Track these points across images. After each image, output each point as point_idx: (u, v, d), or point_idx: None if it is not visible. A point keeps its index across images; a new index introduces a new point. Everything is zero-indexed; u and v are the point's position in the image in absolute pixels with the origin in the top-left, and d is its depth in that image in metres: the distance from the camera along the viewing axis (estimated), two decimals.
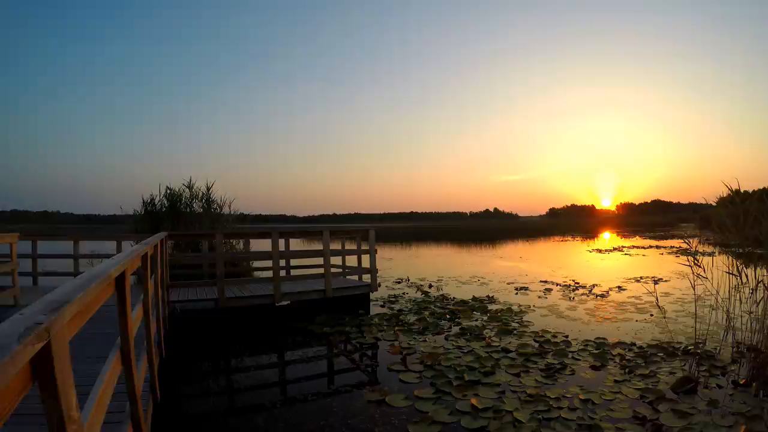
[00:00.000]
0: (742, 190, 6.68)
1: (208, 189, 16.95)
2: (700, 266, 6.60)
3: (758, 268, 6.46)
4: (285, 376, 6.23)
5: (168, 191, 16.68)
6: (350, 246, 12.23)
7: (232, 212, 17.41)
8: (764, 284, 6.16)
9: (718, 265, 6.79)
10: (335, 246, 12.48)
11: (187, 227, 15.66)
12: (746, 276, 6.27)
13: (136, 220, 16.77)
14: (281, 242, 11.59)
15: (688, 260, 6.82)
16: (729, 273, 6.51)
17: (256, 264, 13.71)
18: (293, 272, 11.86)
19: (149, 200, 16.77)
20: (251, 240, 15.01)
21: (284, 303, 9.31)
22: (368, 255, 10.47)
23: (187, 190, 16.86)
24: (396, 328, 8.31)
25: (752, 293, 6.45)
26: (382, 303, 10.73)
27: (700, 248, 6.76)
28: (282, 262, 11.79)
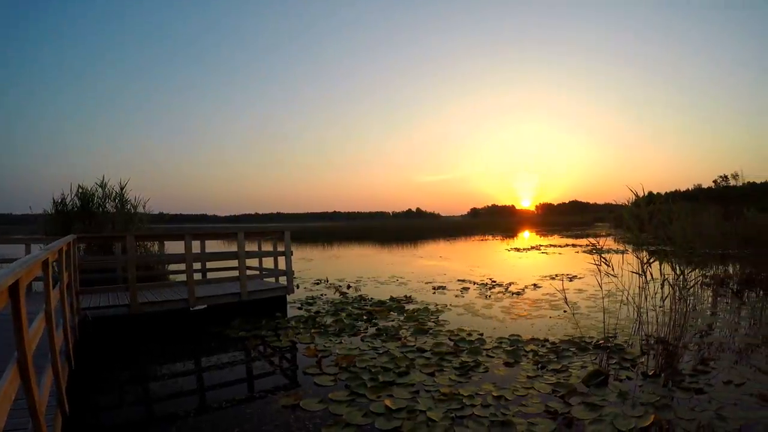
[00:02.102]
0: (655, 192, 6.99)
1: (122, 188, 16.36)
2: (608, 265, 6.84)
3: (664, 265, 6.77)
4: (201, 384, 6.04)
5: (80, 190, 15.97)
6: (268, 247, 12.05)
7: (146, 212, 16.88)
8: (669, 281, 6.46)
9: (629, 263, 7.05)
10: (252, 247, 12.27)
11: (99, 228, 15.07)
12: (651, 274, 6.53)
13: (46, 220, 16.00)
14: (198, 244, 11.33)
15: (594, 259, 7.09)
16: (634, 272, 6.78)
17: (174, 267, 13.35)
18: (212, 275, 11.57)
19: (60, 200, 16.01)
20: (174, 242, 14.54)
21: (200, 307, 9.08)
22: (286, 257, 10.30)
23: (100, 189, 16.22)
24: (312, 330, 8.22)
25: (661, 288, 6.76)
26: (299, 305, 10.59)
27: (614, 246, 7.00)
28: (198, 265, 11.51)
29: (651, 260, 6.58)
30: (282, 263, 10.60)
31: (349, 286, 13.50)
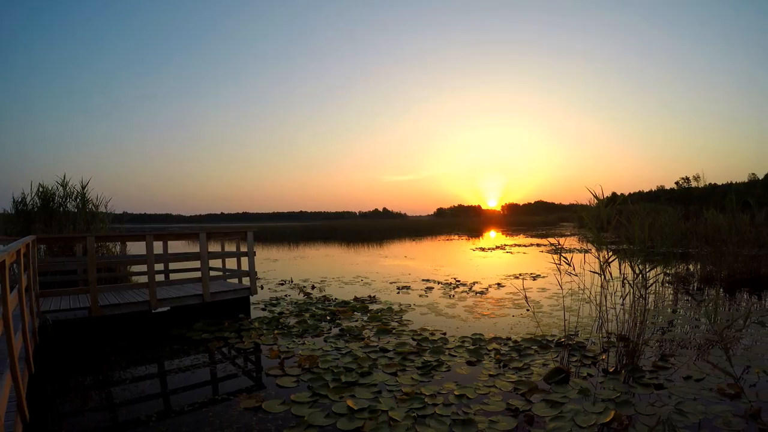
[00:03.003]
0: (619, 193, 7.13)
1: (83, 187, 15.98)
2: (569, 264, 6.93)
3: (624, 264, 6.88)
4: (163, 387, 5.93)
5: (40, 189, 15.56)
6: (231, 248, 11.93)
7: (109, 211, 16.55)
8: (628, 281, 6.57)
9: (589, 262, 7.15)
10: (215, 248, 12.13)
11: (60, 228, 14.70)
12: (610, 273, 6.64)
13: (5, 220, 15.51)
14: (160, 245, 11.17)
15: (554, 258, 7.19)
16: (593, 272, 6.89)
17: (136, 268, 13.11)
18: (176, 276, 11.41)
19: (20, 199, 15.54)
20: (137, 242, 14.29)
21: (162, 309, 8.94)
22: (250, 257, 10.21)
23: (61, 188, 15.83)
24: (276, 331, 8.16)
25: (621, 287, 6.88)
26: (263, 306, 10.52)
27: (578, 246, 7.12)
28: (160, 266, 11.35)
29: (610, 260, 6.68)
30: (245, 264, 10.50)
31: (313, 287, 13.46)
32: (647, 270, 6.43)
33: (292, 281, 14.77)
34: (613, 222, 6.97)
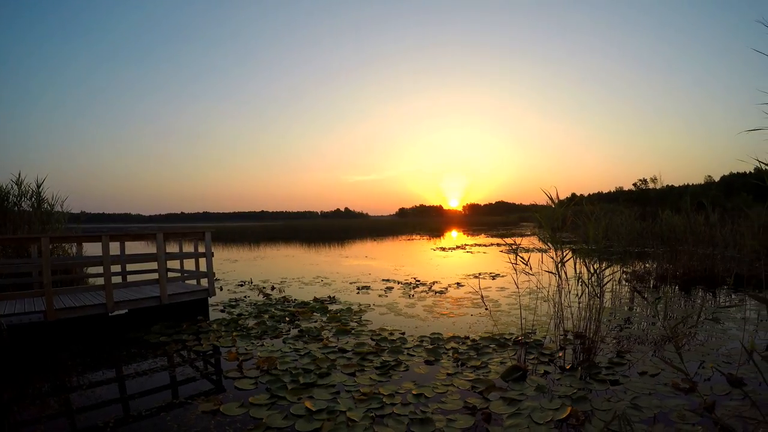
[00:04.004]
0: (579, 194, 7.25)
1: (39, 186, 15.61)
2: (526, 263, 7.02)
3: (580, 263, 7.01)
4: (121, 392, 5.80)
5: None
6: (190, 248, 11.79)
7: (65, 211, 16.20)
8: (583, 279, 6.69)
9: (548, 261, 7.26)
10: (173, 248, 11.96)
11: (15, 229, 14.33)
12: (565, 273, 6.75)
13: None
14: (117, 245, 10.98)
15: (510, 258, 7.29)
16: (548, 272, 6.99)
17: (93, 270, 12.85)
18: (135, 277, 11.21)
19: None
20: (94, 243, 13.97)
21: (120, 312, 8.77)
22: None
23: (16, 186, 15.43)
24: (234, 333, 8.08)
25: (577, 285, 7.00)
26: (222, 308, 10.40)
27: (538, 245, 7.22)
28: (118, 268, 11.14)
29: (564, 259, 6.79)
30: (204, 265, 10.38)
31: (273, 288, 13.36)
32: (602, 269, 6.55)
33: (251, 282, 14.65)
34: (567, 222, 7.09)
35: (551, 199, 6.91)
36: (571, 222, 7.29)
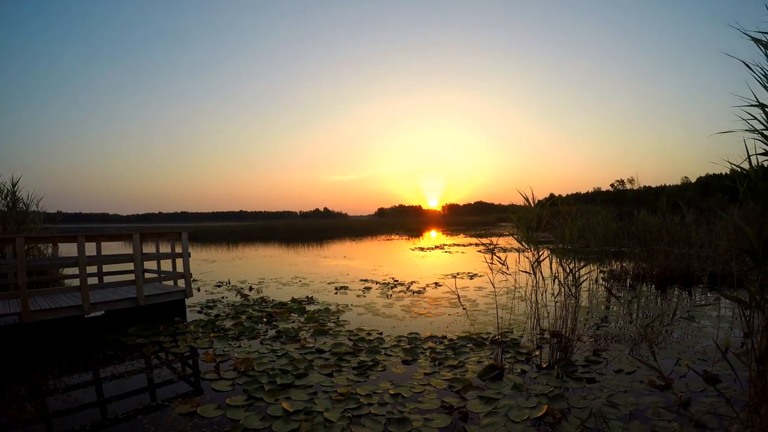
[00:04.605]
0: (557, 194, 7.33)
1: (14, 185, 15.36)
2: (503, 263, 7.08)
3: (556, 263, 7.09)
4: (98, 395, 5.73)
5: None
6: (167, 249, 11.71)
7: (41, 210, 15.96)
8: (558, 279, 6.77)
9: (519, 262, 7.33)
10: (151, 249, 11.86)
11: None
12: (541, 273, 6.82)
13: None
14: (94, 246, 10.86)
15: (486, 258, 7.35)
16: (523, 272, 7.06)
17: (70, 271, 12.69)
18: (111, 279, 11.10)
19: None
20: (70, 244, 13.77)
21: (97, 314, 8.68)
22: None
23: None
24: (212, 334, 8.04)
25: (553, 284, 7.08)
26: (199, 309, 10.35)
27: (516, 245, 7.28)
28: (94, 269, 11.03)
29: (540, 259, 6.85)
30: (181, 265, 10.32)
31: (251, 288, 13.32)
32: (577, 269, 6.63)
33: (229, 283, 14.59)
34: (543, 223, 7.16)
35: (527, 199, 6.98)
36: (547, 222, 7.38)
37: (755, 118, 3.96)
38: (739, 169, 3.96)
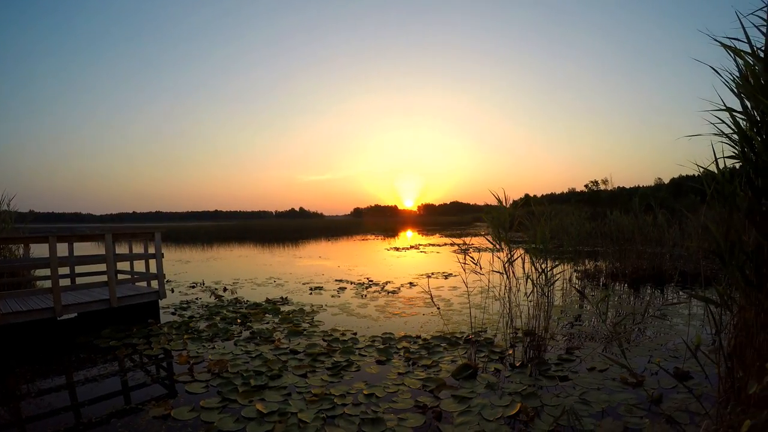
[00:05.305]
0: (533, 194, 7.43)
1: None
2: (476, 263, 7.15)
3: (528, 263, 7.17)
4: (72, 399, 5.66)
5: None
6: (140, 249, 11.60)
7: (12, 210, 15.73)
8: (531, 278, 6.85)
9: (491, 262, 7.40)
10: (124, 249, 11.74)
11: None
12: (513, 272, 6.90)
13: None
14: (66, 246, 10.73)
15: (458, 258, 7.42)
16: (495, 272, 7.14)
17: (42, 273, 12.50)
18: (84, 280, 10.94)
19: None
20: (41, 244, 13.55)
21: (70, 316, 8.57)
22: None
23: None
24: (185, 336, 7.99)
25: (526, 284, 7.16)
26: (173, 310, 10.28)
27: (490, 245, 7.35)
28: (66, 270, 10.89)
29: (512, 259, 6.93)
30: (154, 266, 10.23)
31: (225, 289, 13.25)
32: (549, 268, 6.72)
33: (203, 284, 14.50)
34: (516, 223, 7.24)
35: (499, 200, 7.06)
36: (520, 223, 7.46)
37: (723, 122, 4.06)
38: (706, 172, 4.06)
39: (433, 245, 30.52)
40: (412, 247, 29.39)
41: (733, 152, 3.99)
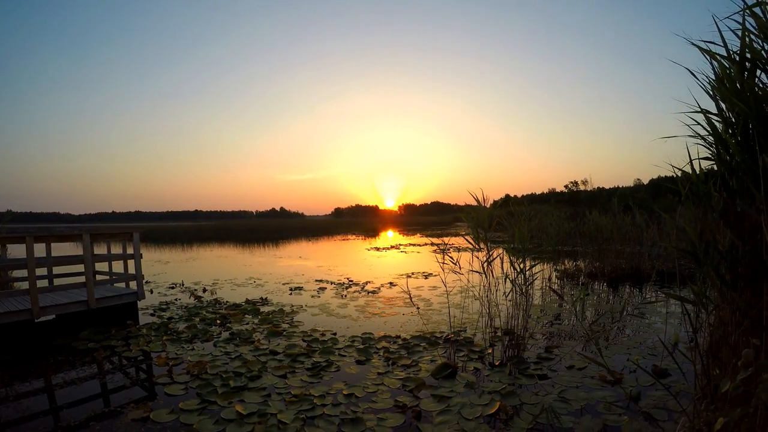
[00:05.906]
0: (513, 195, 7.50)
1: None
2: (455, 263, 7.20)
3: (507, 262, 7.24)
4: (51, 403, 5.59)
5: None
6: (118, 249, 11.52)
7: None
8: (509, 278, 6.92)
9: (470, 262, 7.46)
10: (102, 250, 11.65)
11: None
12: (492, 272, 6.96)
13: None
14: (43, 247, 10.63)
15: (437, 258, 7.47)
16: (474, 271, 7.19)
17: (19, 273, 12.37)
18: (62, 281, 10.84)
19: None
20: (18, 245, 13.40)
21: (48, 318, 8.48)
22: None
23: None
24: (164, 337, 7.94)
25: (504, 283, 7.23)
26: (152, 311, 10.20)
27: (469, 245, 7.40)
28: (44, 271, 10.79)
29: (490, 259, 6.99)
30: (133, 267, 10.16)
31: (204, 290, 13.18)
32: (528, 268, 6.79)
33: (183, 284, 14.41)
34: (494, 223, 7.30)
35: (477, 200, 7.11)
36: (499, 222, 7.53)
37: (699, 124, 4.13)
38: (682, 173, 4.13)
39: (414, 245, 30.59)
40: (392, 247, 29.44)
41: (709, 154, 4.06)
